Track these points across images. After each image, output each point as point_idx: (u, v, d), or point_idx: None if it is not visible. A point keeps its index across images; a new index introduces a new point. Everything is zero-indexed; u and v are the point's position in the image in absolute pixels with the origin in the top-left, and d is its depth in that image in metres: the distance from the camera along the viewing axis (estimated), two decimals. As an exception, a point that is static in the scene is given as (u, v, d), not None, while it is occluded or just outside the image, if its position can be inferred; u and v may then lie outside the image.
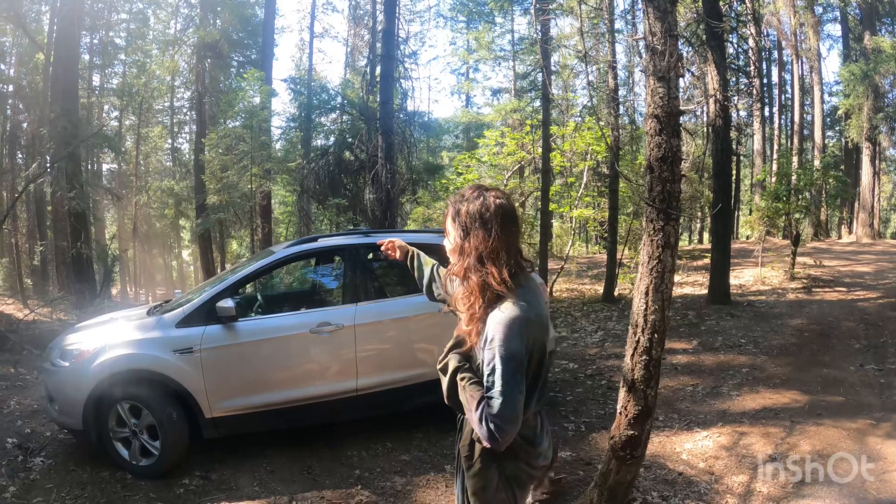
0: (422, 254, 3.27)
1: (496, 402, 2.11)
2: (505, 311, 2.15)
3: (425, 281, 3.14)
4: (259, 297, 6.60)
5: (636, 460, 4.15)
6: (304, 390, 5.37)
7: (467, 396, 2.22)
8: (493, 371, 2.13)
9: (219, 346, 5.12)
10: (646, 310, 3.88)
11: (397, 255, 3.27)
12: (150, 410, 4.94)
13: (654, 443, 5.41)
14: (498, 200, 2.28)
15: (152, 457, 5.00)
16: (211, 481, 4.96)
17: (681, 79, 4.20)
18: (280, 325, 5.46)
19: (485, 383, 2.17)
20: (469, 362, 2.31)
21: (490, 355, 2.14)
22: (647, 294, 3.88)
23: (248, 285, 6.26)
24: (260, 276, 6.01)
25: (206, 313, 5.18)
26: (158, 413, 4.93)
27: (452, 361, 2.33)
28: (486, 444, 2.18)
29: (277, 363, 5.35)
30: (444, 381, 2.34)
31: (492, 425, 2.12)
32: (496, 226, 2.22)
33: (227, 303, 5.10)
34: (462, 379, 2.27)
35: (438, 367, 2.41)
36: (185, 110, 30.25)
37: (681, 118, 4.09)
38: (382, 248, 3.32)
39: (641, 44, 4.33)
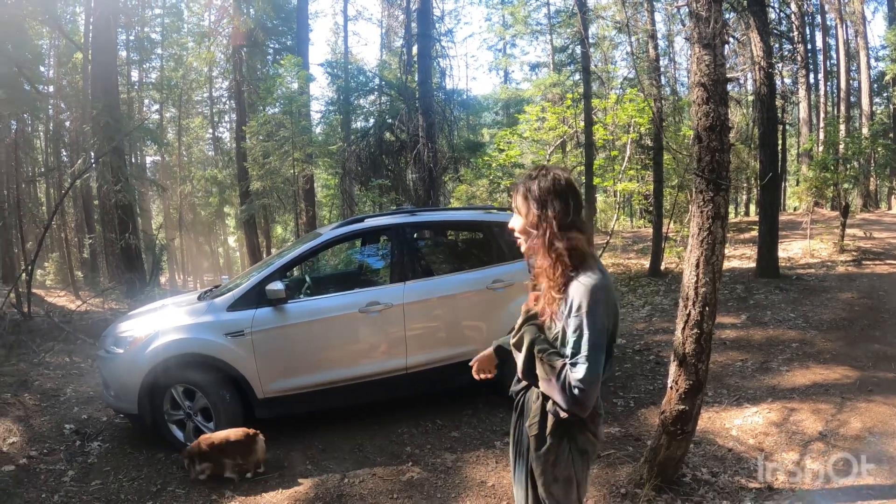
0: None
1: (582, 367, 2.16)
2: (590, 279, 2.20)
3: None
4: (307, 278, 6.67)
5: (686, 435, 4.13)
6: (354, 370, 5.43)
7: (546, 367, 2.27)
8: (580, 336, 2.18)
9: (269, 328, 5.19)
10: (696, 282, 3.83)
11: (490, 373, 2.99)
12: (203, 393, 5.05)
13: (704, 418, 5.35)
14: (566, 174, 2.35)
15: (207, 438, 5.11)
16: (264, 461, 5.06)
17: (725, 46, 4.11)
18: (329, 305, 5.50)
19: (569, 350, 2.21)
20: (543, 334, 2.35)
21: (577, 322, 2.18)
22: (697, 266, 3.83)
23: (296, 268, 6.32)
24: (308, 259, 6.07)
25: (255, 296, 5.26)
26: (212, 395, 5.03)
27: (528, 334, 2.36)
28: (568, 410, 2.23)
29: (327, 343, 5.42)
30: (520, 356, 2.38)
31: (576, 391, 2.17)
32: (571, 197, 2.29)
33: (277, 285, 5.16)
34: (540, 350, 2.31)
35: (512, 341, 2.46)
36: (224, 100, 30.60)
37: (727, 88, 4.01)
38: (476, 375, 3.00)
39: (684, 11, 4.25)
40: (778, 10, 18.67)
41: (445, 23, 21.27)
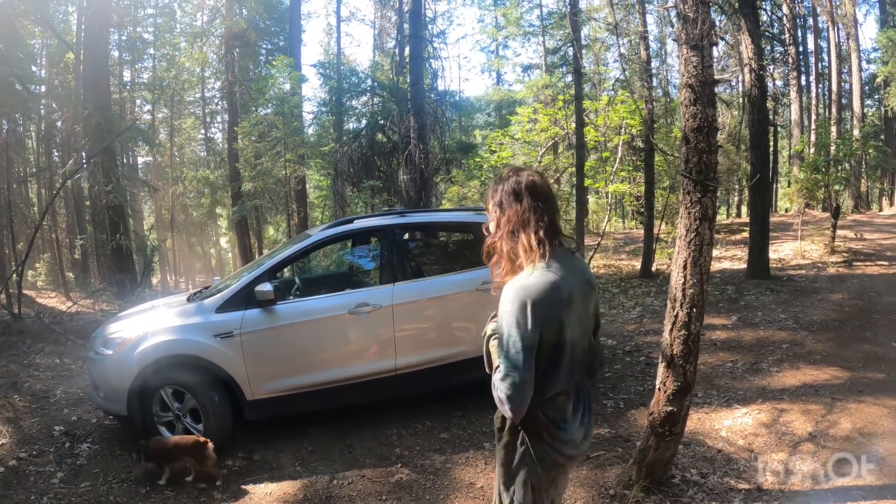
0: None
1: (501, 369, 2.17)
2: (517, 281, 2.21)
3: None
4: (297, 280, 6.66)
5: (675, 437, 4.14)
6: (344, 371, 5.43)
7: (492, 363, 2.33)
8: (502, 338, 2.19)
9: (258, 329, 5.19)
10: (684, 284, 3.84)
11: None
12: (192, 395, 5.04)
13: (693, 419, 5.37)
14: (530, 177, 2.35)
15: (196, 440, 5.10)
16: (253, 462, 5.07)
17: (714, 48, 4.13)
18: (318, 306, 5.50)
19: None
20: None
21: (501, 322, 2.20)
22: (684, 268, 3.84)
23: (285, 269, 6.32)
24: (297, 260, 6.06)
25: (244, 298, 5.26)
26: (201, 397, 5.02)
27: (489, 328, 2.44)
28: (504, 411, 2.22)
29: (316, 345, 5.42)
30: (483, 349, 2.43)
31: (501, 393, 2.17)
32: (527, 199, 2.28)
33: (266, 286, 5.16)
34: (491, 346, 2.38)
35: (483, 333, 2.51)
36: (216, 100, 30.56)
37: (716, 88, 4.02)
38: None
39: (673, 13, 4.26)
40: (770, 13, 18.76)
41: (438, 24, 21.33)
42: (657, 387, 4.10)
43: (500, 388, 2.17)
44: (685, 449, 4.87)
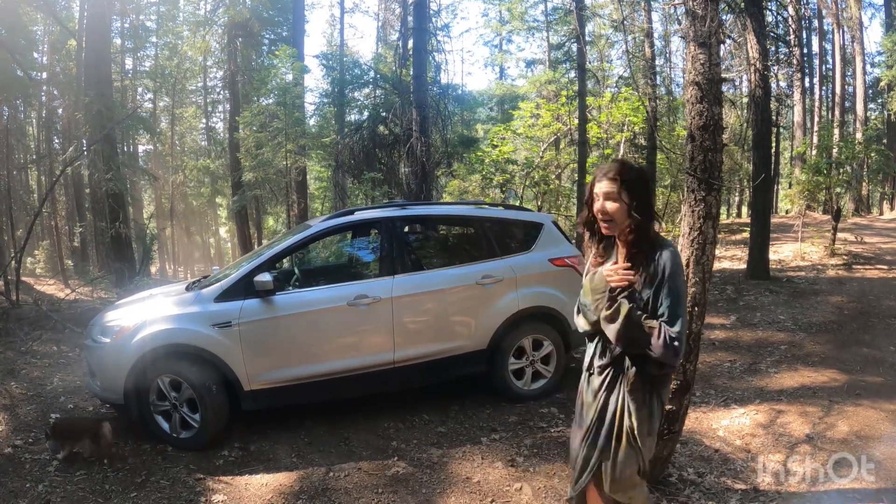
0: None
1: (679, 324, 2.64)
2: (673, 249, 2.72)
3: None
4: (296, 270, 6.64)
5: (673, 435, 4.13)
6: (342, 363, 5.40)
7: (646, 328, 2.65)
8: (676, 298, 2.66)
9: (257, 319, 5.16)
10: (686, 282, 3.83)
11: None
12: (189, 384, 5.00)
13: (691, 419, 5.36)
14: (643, 169, 2.85)
15: (192, 429, 5.06)
16: (250, 452, 5.04)
17: (721, 46, 4.11)
18: (317, 298, 5.47)
19: (664, 310, 2.66)
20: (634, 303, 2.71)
21: (671, 285, 2.66)
22: (687, 266, 3.83)
23: (285, 259, 6.29)
24: (297, 250, 6.05)
25: (244, 287, 5.22)
26: (198, 386, 4.98)
27: (625, 305, 2.67)
28: (666, 363, 2.70)
29: (315, 336, 5.39)
30: (615, 325, 2.69)
31: (676, 343, 2.62)
32: (652, 185, 2.69)
33: (265, 277, 5.13)
34: (641, 315, 2.67)
35: (605, 314, 2.73)
36: (218, 90, 30.53)
37: (721, 87, 4.01)
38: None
39: (681, 10, 4.24)
40: (775, 13, 18.68)
41: (442, 17, 21.21)
42: (656, 385, 4.09)
43: (678, 341, 2.62)
44: (683, 448, 4.86)
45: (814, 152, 17.33)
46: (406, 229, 6.54)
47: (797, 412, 5.55)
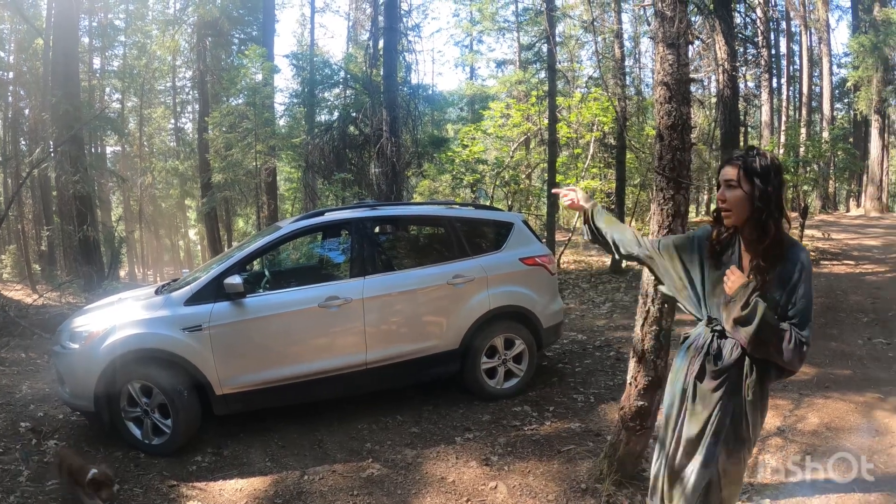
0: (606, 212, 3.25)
1: (809, 327, 2.50)
2: (804, 248, 2.58)
3: (627, 237, 3.10)
4: (267, 272, 6.60)
5: (646, 431, 4.16)
6: (314, 365, 5.37)
7: (778, 331, 2.47)
8: (809, 300, 2.51)
9: (227, 322, 5.11)
10: (656, 279, 3.86)
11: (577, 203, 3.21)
12: (160, 389, 4.93)
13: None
14: (775, 157, 2.58)
15: (164, 435, 5.00)
16: (223, 457, 4.99)
17: (690, 47, 4.16)
18: (288, 300, 5.43)
19: (795, 311, 2.51)
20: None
21: (807, 287, 2.51)
22: (656, 263, 3.86)
23: (256, 261, 6.25)
24: (267, 252, 5.99)
25: (214, 290, 5.17)
26: (169, 392, 4.92)
27: (761, 306, 2.47)
28: (793, 367, 2.55)
29: (286, 338, 5.36)
30: (750, 328, 2.49)
31: (805, 348, 2.47)
32: (782, 176, 2.56)
33: (235, 279, 5.08)
34: (774, 318, 2.49)
35: (742, 314, 2.50)
36: (187, 90, 30.20)
37: (690, 88, 4.06)
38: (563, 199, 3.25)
39: (650, 11, 4.28)
40: (744, 15, 18.98)
41: (413, 17, 21.16)
42: (628, 381, 4.12)
43: (807, 345, 2.47)
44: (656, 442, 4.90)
45: (781, 151, 17.58)
46: (376, 230, 6.53)
47: (768, 405, 5.63)
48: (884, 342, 7.52)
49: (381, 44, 15.32)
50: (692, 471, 2.74)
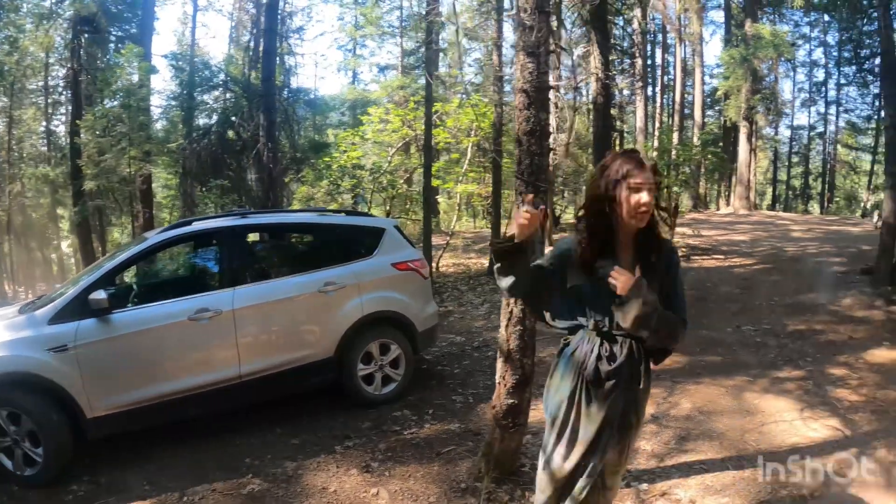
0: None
1: (685, 308, 2.80)
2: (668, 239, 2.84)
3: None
4: (135, 286, 6.37)
5: (519, 428, 4.30)
6: (186, 381, 5.24)
7: (672, 318, 2.67)
8: (683, 288, 2.82)
9: (94, 340, 4.90)
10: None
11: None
12: (28, 416, 4.67)
13: (539, 410, 5.57)
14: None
15: (36, 465, 4.73)
16: (100, 485, 4.77)
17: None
18: (157, 314, 5.27)
19: (677, 296, 2.77)
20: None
21: (679, 276, 2.80)
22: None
23: (123, 274, 6.02)
24: (134, 264, 5.84)
25: (79, 307, 4.94)
26: (37, 418, 4.66)
27: (654, 297, 2.61)
28: (671, 349, 2.86)
29: (156, 355, 5.20)
30: (651, 322, 2.58)
31: (681, 335, 2.74)
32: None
33: (100, 294, 4.89)
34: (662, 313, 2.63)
35: (645, 310, 2.55)
36: (60, 90, 28.45)
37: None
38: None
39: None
40: (622, 28, 19.88)
41: (296, 20, 20.92)
42: (497, 381, 4.26)
43: (682, 331, 2.73)
44: (535, 438, 4.93)
45: (654, 154, 18.48)
46: (247, 239, 6.43)
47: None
48: (752, 329, 8.07)
49: (262, 45, 15.07)
50: (585, 466, 2.79)
